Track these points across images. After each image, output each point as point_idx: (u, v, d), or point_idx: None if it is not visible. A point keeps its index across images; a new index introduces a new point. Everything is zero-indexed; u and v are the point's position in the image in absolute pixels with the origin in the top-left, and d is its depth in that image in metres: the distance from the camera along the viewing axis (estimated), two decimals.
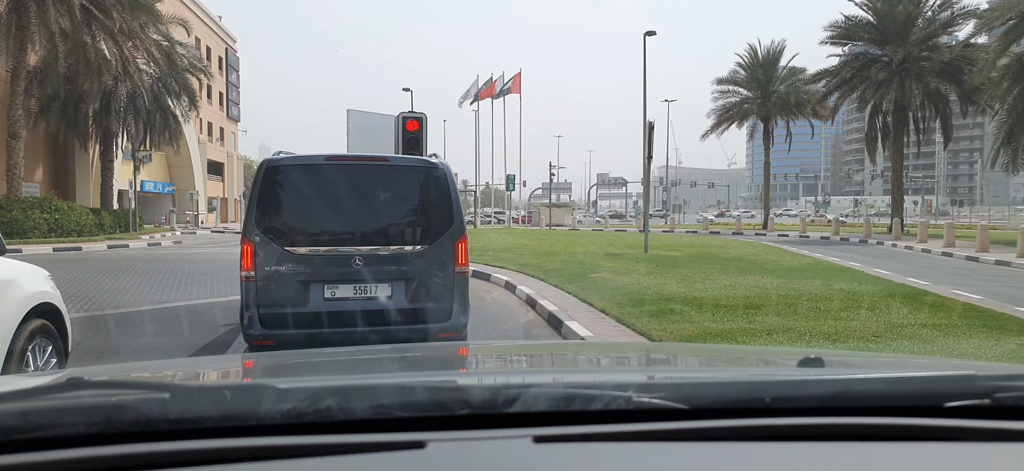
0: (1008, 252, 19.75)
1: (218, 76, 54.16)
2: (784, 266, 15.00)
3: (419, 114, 11.91)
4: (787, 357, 1.94)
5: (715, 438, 1.08)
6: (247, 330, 5.77)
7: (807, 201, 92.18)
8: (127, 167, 33.91)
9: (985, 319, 8.39)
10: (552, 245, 22.27)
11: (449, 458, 0.98)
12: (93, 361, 6.37)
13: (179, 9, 40.24)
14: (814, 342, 7.01)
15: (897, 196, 34.32)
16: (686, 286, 11.23)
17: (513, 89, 47.44)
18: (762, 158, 43.45)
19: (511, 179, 50.50)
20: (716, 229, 42.65)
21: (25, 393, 1.18)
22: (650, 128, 19.86)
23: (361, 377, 1.60)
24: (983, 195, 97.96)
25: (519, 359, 2.36)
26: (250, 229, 5.73)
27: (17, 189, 24.81)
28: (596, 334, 7.65)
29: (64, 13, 23.32)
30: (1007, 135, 25.80)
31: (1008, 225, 39.28)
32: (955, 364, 2.41)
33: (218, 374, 1.87)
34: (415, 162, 6.56)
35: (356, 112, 26.10)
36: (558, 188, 61.79)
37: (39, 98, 27.75)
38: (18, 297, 4.33)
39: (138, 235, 29.95)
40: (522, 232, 35.39)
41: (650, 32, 23.44)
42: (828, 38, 33.10)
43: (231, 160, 60.24)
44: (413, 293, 5.91)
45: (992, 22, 25.72)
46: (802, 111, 40.19)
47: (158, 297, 10.97)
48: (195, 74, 33.93)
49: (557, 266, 14.55)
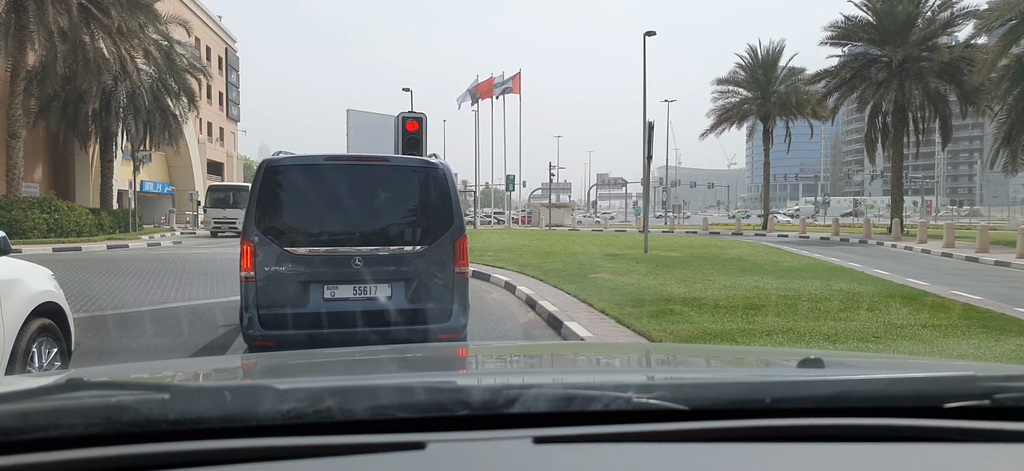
0: (1008, 253, 19.75)
1: (218, 76, 54.16)
2: (784, 266, 15.00)
3: (419, 114, 11.91)
4: (787, 358, 1.94)
5: (715, 439, 1.08)
6: (247, 331, 5.77)
7: (806, 201, 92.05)
8: (127, 167, 33.88)
9: (985, 320, 8.39)
10: (552, 245, 22.27)
11: (449, 459, 0.98)
12: (93, 362, 6.36)
13: (179, 9, 40.20)
14: (814, 343, 7.01)
15: (897, 197, 34.33)
16: (686, 286, 11.23)
17: (513, 89, 47.41)
18: (762, 158, 43.51)
19: (511, 179, 50.49)
20: (716, 229, 42.67)
21: (25, 394, 1.18)
22: (650, 128, 19.87)
23: (361, 378, 1.60)
24: (983, 195, 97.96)
25: (519, 360, 2.36)
26: (250, 229, 5.73)
27: (17, 189, 24.79)
28: (596, 335, 7.65)
29: (63, 12, 23.29)
30: (1007, 135, 25.82)
31: (1008, 225, 39.28)
32: (955, 365, 2.41)
33: (218, 375, 1.87)
34: (415, 162, 6.56)
35: (356, 112, 26.06)
36: (558, 188, 61.81)
37: (39, 98, 27.74)
38: (22, 296, 4.33)
39: (138, 235, 29.93)
40: (522, 232, 35.39)
41: (650, 32, 23.46)
42: (828, 39, 33.12)
43: (231, 160, 60.22)
44: (413, 293, 5.91)
45: (992, 23, 25.72)
46: (802, 111, 40.24)
47: (158, 297, 10.97)
48: (195, 74, 33.89)
49: (557, 266, 14.55)
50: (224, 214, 33.68)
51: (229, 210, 33.66)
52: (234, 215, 32.78)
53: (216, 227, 33.61)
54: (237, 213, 32.38)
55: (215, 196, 35.22)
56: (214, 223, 33.76)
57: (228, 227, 32.79)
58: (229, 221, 32.98)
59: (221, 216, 33.72)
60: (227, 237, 30.91)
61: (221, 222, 33.43)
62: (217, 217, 33.84)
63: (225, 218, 33.41)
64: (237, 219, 32.06)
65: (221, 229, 33.23)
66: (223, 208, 34.07)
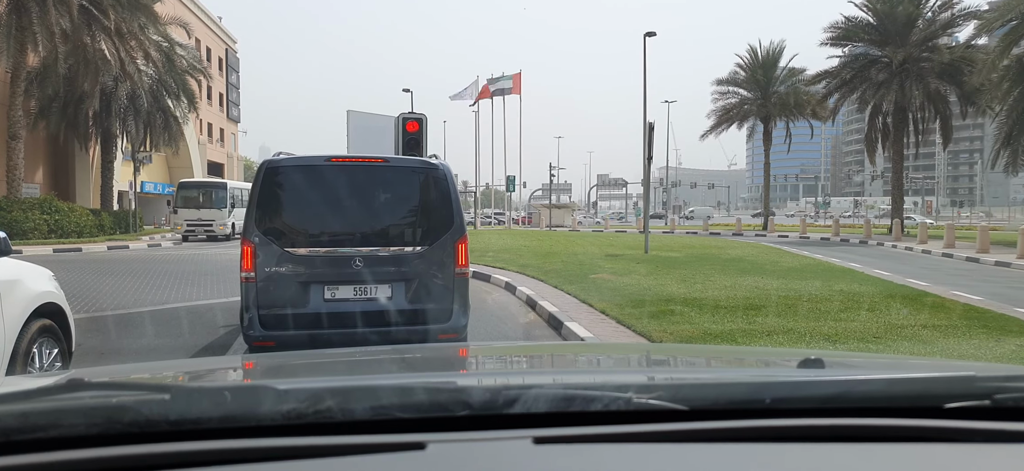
0: (1008, 253, 19.74)
1: (218, 77, 54.16)
2: (784, 267, 15.00)
3: (419, 115, 11.92)
4: (787, 358, 1.94)
5: (715, 439, 1.08)
6: (247, 331, 5.77)
7: (807, 202, 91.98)
8: (127, 168, 33.88)
9: (985, 320, 8.39)
10: (552, 246, 22.26)
11: (449, 459, 0.98)
12: (93, 362, 6.36)
13: (179, 10, 40.21)
14: (814, 343, 7.01)
15: (897, 197, 34.33)
16: (686, 287, 11.23)
17: (513, 90, 47.36)
18: (762, 159, 43.49)
19: (511, 180, 50.48)
20: (716, 230, 42.67)
21: (25, 394, 1.18)
22: (650, 129, 19.86)
23: (361, 378, 1.60)
24: (983, 196, 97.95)
25: (519, 360, 2.36)
26: (250, 230, 5.73)
27: (17, 190, 24.81)
28: (596, 335, 7.65)
29: (64, 13, 23.32)
30: (1007, 136, 25.82)
31: (1008, 226, 39.27)
32: (955, 365, 2.41)
33: (218, 375, 1.87)
34: (415, 163, 6.56)
35: (356, 113, 25.97)
36: (558, 189, 61.75)
37: (39, 99, 27.76)
38: (23, 297, 4.34)
39: (138, 236, 29.94)
40: (522, 233, 35.39)
41: (650, 33, 23.46)
42: (828, 39, 33.11)
43: (231, 161, 60.19)
44: (413, 294, 5.91)
45: (992, 23, 25.75)
46: (802, 112, 40.22)
47: (158, 298, 10.97)
48: (195, 75, 33.92)
49: (557, 267, 14.55)
50: (198, 216, 30.74)
51: (203, 211, 30.94)
52: (209, 216, 30.60)
53: (189, 230, 30.39)
54: (212, 214, 30.62)
55: (185, 194, 31.41)
56: (186, 226, 30.44)
57: (202, 230, 30.31)
58: (203, 223, 30.47)
59: (194, 217, 30.67)
60: (199, 240, 29.15)
61: (194, 224, 30.48)
62: (189, 219, 30.55)
63: (199, 220, 30.59)
64: (213, 221, 30.48)
65: (194, 232, 30.32)
66: (195, 208, 30.96)
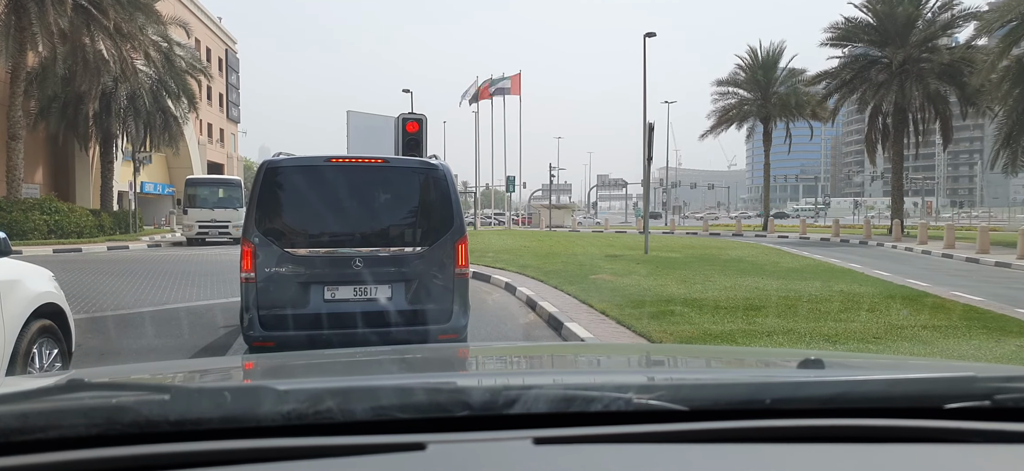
0: (1008, 253, 19.74)
1: (218, 77, 54.14)
2: (784, 267, 15.00)
3: (419, 115, 11.93)
4: (787, 359, 1.94)
5: (715, 440, 1.08)
6: (247, 331, 5.77)
7: (806, 202, 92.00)
8: (127, 168, 33.87)
9: (985, 321, 8.39)
10: (552, 246, 22.26)
11: (449, 460, 0.98)
12: (93, 362, 6.36)
13: (179, 10, 40.21)
14: (814, 344, 7.01)
15: (897, 198, 34.33)
16: (686, 287, 11.23)
17: (513, 90, 47.42)
18: (762, 159, 43.50)
19: (511, 180, 50.53)
20: (716, 230, 42.67)
21: (25, 395, 1.18)
22: (650, 129, 19.87)
23: (361, 379, 1.60)
24: (983, 196, 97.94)
25: (519, 360, 2.36)
26: (250, 230, 5.73)
27: (17, 190, 24.80)
28: (596, 335, 7.64)
29: (63, 14, 23.32)
30: (1007, 137, 25.81)
31: (1008, 226, 39.27)
32: (955, 366, 2.41)
33: (218, 376, 1.87)
34: (415, 163, 6.57)
35: (356, 113, 25.90)
36: (558, 189, 61.75)
37: (39, 99, 27.76)
38: (23, 297, 4.34)
39: (138, 236, 29.93)
40: (522, 233, 35.38)
41: (650, 33, 23.46)
42: (828, 40, 33.11)
43: (231, 161, 60.18)
44: (413, 294, 5.92)
45: (992, 24, 25.74)
46: (802, 112, 40.25)
47: (158, 298, 10.97)
48: (195, 75, 33.91)
49: (557, 267, 14.55)
50: (212, 216, 27.20)
51: (218, 211, 27.42)
52: (224, 217, 27.04)
53: (201, 232, 26.83)
54: (228, 214, 27.12)
55: (196, 193, 27.86)
56: (198, 227, 26.88)
57: (217, 231, 26.77)
58: (218, 224, 26.96)
59: (207, 218, 27.14)
60: (218, 244, 25.95)
61: (207, 225, 26.95)
62: (202, 220, 27.05)
63: (213, 221, 27.08)
64: (229, 222, 26.87)
65: (207, 234, 26.80)
66: (208, 208, 27.52)
